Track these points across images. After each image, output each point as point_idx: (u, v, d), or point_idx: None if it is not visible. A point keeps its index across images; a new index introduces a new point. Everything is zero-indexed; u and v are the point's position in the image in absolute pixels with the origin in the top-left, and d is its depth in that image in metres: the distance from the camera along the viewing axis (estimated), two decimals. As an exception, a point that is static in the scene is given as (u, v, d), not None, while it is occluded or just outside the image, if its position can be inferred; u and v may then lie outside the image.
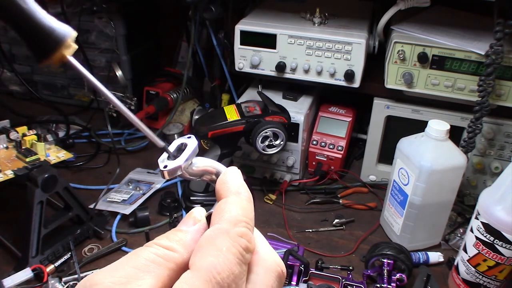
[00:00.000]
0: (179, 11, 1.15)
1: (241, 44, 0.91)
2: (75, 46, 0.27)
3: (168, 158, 0.31)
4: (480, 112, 0.78)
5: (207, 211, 0.30)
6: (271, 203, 0.92)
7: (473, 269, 0.67)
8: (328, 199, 0.93)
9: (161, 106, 1.11)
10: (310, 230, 0.86)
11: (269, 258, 0.29)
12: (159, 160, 0.31)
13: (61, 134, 1.10)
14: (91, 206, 0.85)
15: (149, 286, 0.25)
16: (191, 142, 0.31)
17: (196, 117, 1.03)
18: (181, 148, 0.31)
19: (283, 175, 0.98)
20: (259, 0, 1.05)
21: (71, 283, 0.71)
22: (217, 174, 0.32)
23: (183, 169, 0.30)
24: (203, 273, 0.24)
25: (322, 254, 0.80)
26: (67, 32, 0.26)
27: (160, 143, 0.31)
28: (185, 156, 0.30)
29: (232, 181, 0.30)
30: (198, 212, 0.30)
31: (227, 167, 0.32)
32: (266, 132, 0.81)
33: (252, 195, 0.94)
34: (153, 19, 1.26)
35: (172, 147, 0.32)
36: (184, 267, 0.26)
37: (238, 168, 0.31)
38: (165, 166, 0.30)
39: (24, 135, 0.83)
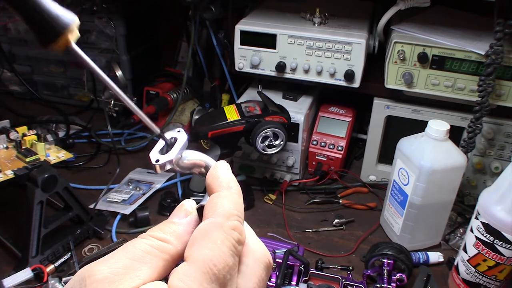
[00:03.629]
0: (179, 11, 1.15)
1: (241, 44, 0.91)
2: (78, 34, 0.28)
3: (161, 151, 0.32)
4: (480, 112, 0.78)
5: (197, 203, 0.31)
6: (271, 203, 0.92)
7: (473, 269, 0.67)
8: (328, 199, 0.93)
9: (161, 106, 1.11)
10: (310, 230, 0.86)
11: (258, 250, 0.30)
12: (151, 155, 0.31)
13: (61, 134, 1.10)
14: (91, 206, 0.85)
15: (146, 276, 0.26)
16: (181, 136, 0.32)
17: (196, 117, 1.03)
18: (171, 143, 0.32)
19: (283, 175, 0.98)
20: (259, 0, 1.05)
21: (71, 283, 0.71)
22: (206, 168, 0.33)
23: (174, 163, 0.31)
24: (200, 265, 0.25)
25: (322, 254, 0.80)
26: (72, 18, 0.27)
27: (156, 129, 0.32)
28: (176, 150, 0.31)
29: (223, 175, 0.31)
30: (189, 204, 0.31)
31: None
32: (266, 132, 0.81)
33: (252, 195, 0.95)
34: (153, 19, 1.26)
35: (162, 142, 0.32)
36: (178, 258, 0.28)
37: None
38: (157, 161, 0.31)
39: (24, 135, 0.83)
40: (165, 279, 0.26)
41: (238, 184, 0.31)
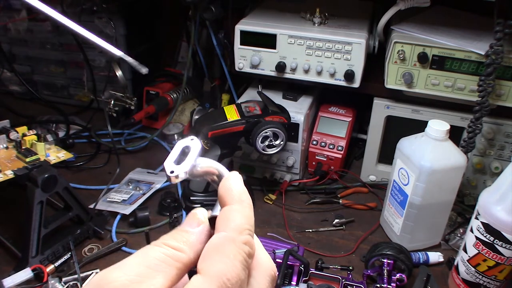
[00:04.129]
0: (179, 11, 1.15)
1: (241, 44, 0.91)
2: None
3: (175, 161, 0.32)
4: (480, 112, 0.78)
5: (207, 211, 0.31)
6: (271, 203, 0.92)
7: (473, 269, 0.67)
8: (328, 199, 0.93)
9: (161, 106, 1.11)
10: (310, 230, 0.86)
11: (265, 263, 0.31)
12: (166, 166, 0.31)
13: (61, 134, 1.10)
14: (91, 206, 0.85)
15: (161, 285, 0.26)
16: (195, 145, 0.33)
17: (196, 117, 1.03)
18: (185, 151, 0.32)
19: (283, 175, 0.98)
20: (259, 0, 1.05)
21: (71, 283, 0.71)
22: (219, 176, 0.33)
23: (188, 172, 0.32)
24: (214, 279, 0.26)
25: (322, 254, 0.80)
26: None
27: (117, 53, 0.31)
28: (190, 160, 0.32)
29: (235, 188, 0.31)
30: (202, 213, 0.31)
31: (227, 167, 0.33)
32: (266, 132, 0.81)
33: (252, 195, 0.95)
34: (153, 19, 1.26)
35: (176, 151, 0.33)
36: (190, 267, 0.28)
37: (238, 168, 0.32)
38: (172, 172, 0.31)
39: (24, 135, 0.83)
40: None
41: (249, 197, 0.31)
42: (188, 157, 0.32)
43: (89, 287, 0.26)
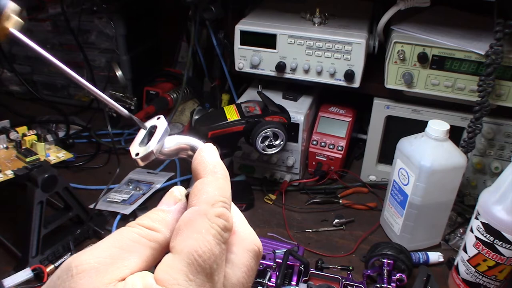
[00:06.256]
0: (179, 11, 1.15)
1: (241, 44, 0.91)
2: (18, 19, 0.26)
3: (141, 143, 0.30)
4: (480, 112, 0.78)
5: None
6: (271, 203, 0.92)
7: (473, 269, 0.67)
8: (328, 199, 0.93)
9: (161, 106, 1.11)
10: (310, 230, 0.86)
11: (247, 238, 0.29)
12: (130, 149, 0.30)
13: (61, 134, 1.10)
14: (91, 206, 0.85)
15: (134, 266, 0.25)
16: (161, 124, 0.31)
17: (196, 117, 1.03)
18: (152, 132, 0.31)
19: (283, 175, 0.98)
20: (259, 0, 1.05)
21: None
22: (193, 149, 0.32)
23: (156, 152, 0.30)
24: (184, 256, 0.24)
25: (322, 254, 0.80)
26: (4, 3, 0.25)
27: (125, 112, 0.30)
28: (155, 140, 0.30)
29: (208, 160, 0.30)
30: (178, 191, 0.30)
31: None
32: (266, 132, 0.81)
33: (252, 195, 0.95)
34: (153, 19, 1.26)
35: (141, 133, 0.31)
36: (167, 246, 0.27)
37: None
38: (137, 154, 0.29)
39: (24, 135, 0.83)
40: (155, 267, 0.26)
41: (224, 167, 0.29)
42: (153, 138, 0.30)
43: (59, 270, 0.25)
